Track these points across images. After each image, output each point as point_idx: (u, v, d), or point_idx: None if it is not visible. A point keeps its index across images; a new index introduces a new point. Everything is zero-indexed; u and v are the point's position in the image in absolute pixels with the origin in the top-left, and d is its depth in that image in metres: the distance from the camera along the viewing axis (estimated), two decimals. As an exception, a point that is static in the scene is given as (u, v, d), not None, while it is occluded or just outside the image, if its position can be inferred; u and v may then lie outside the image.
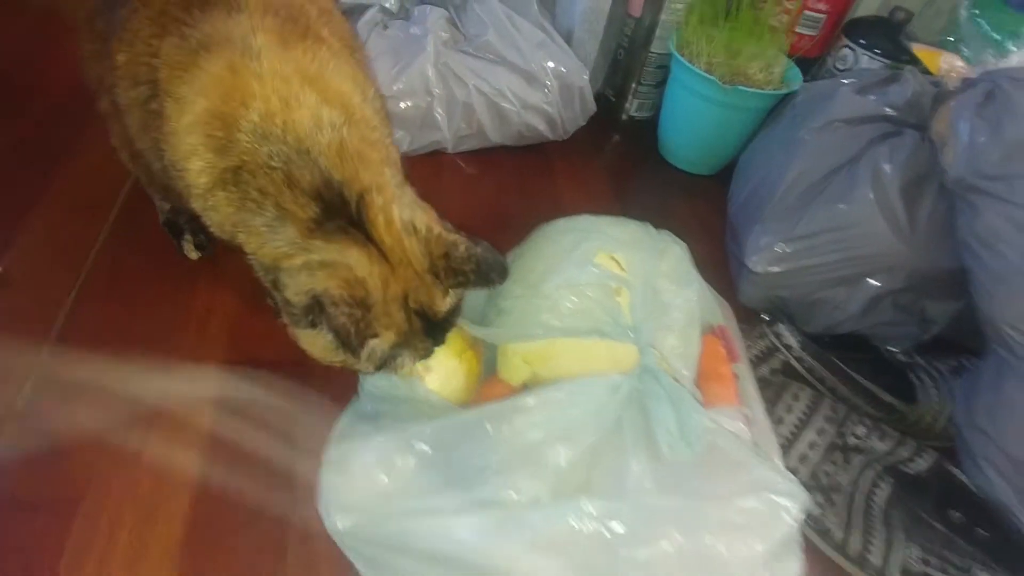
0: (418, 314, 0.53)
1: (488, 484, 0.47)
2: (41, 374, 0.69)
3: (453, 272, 0.53)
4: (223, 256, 0.81)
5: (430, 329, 0.55)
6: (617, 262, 0.61)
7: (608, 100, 1.22)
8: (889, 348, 0.84)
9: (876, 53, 1.04)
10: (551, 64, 0.99)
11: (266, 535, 0.60)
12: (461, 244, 0.53)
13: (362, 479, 0.51)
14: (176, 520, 0.60)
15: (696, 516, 0.46)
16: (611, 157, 1.19)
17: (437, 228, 0.54)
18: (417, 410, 0.58)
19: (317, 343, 0.54)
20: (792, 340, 0.77)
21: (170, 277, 0.80)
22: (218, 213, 0.54)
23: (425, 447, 0.52)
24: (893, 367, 0.81)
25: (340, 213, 0.50)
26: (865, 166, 0.77)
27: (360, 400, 0.63)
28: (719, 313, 0.71)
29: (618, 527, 0.45)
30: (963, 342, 0.84)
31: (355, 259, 0.50)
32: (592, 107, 1.07)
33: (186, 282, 0.80)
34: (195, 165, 0.53)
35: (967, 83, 0.75)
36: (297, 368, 0.73)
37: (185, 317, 0.76)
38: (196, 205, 0.57)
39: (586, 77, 1.02)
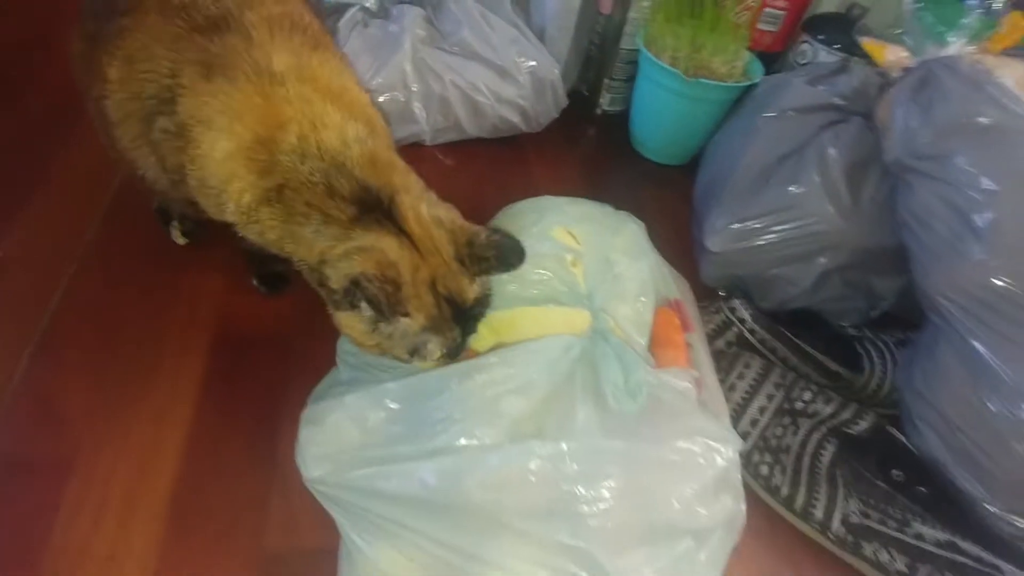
0: (447, 301, 0.57)
1: (448, 432, 0.52)
2: (37, 348, 0.74)
3: (477, 259, 0.58)
4: (210, 242, 0.86)
5: (458, 317, 0.58)
6: (573, 236, 0.66)
7: (582, 95, 1.27)
8: (840, 324, 0.89)
9: (834, 48, 1.10)
10: (523, 59, 1.04)
11: (250, 492, 0.65)
12: (482, 233, 0.58)
13: (335, 433, 0.56)
14: (165, 479, 0.64)
15: (637, 456, 0.51)
16: (585, 149, 1.24)
17: (460, 221, 0.59)
18: (389, 376, 0.63)
19: (356, 326, 0.57)
20: (745, 313, 0.82)
21: (161, 262, 0.85)
22: (261, 226, 0.59)
23: (393, 404, 0.56)
24: (842, 340, 0.86)
25: (375, 209, 0.56)
26: (813, 151, 0.83)
27: (337, 368, 0.67)
28: (675, 287, 0.76)
29: (565, 466, 0.49)
30: (908, 318, 0.89)
31: (388, 245, 0.55)
32: (564, 100, 1.12)
33: (176, 266, 0.85)
34: (235, 186, 0.58)
35: (906, 71, 0.81)
36: (281, 345, 0.78)
37: (175, 298, 0.81)
38: (234, 220, 0.61)
39: (557, 71, 1.07)
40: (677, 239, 0.93)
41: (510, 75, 1.04)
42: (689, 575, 0.53)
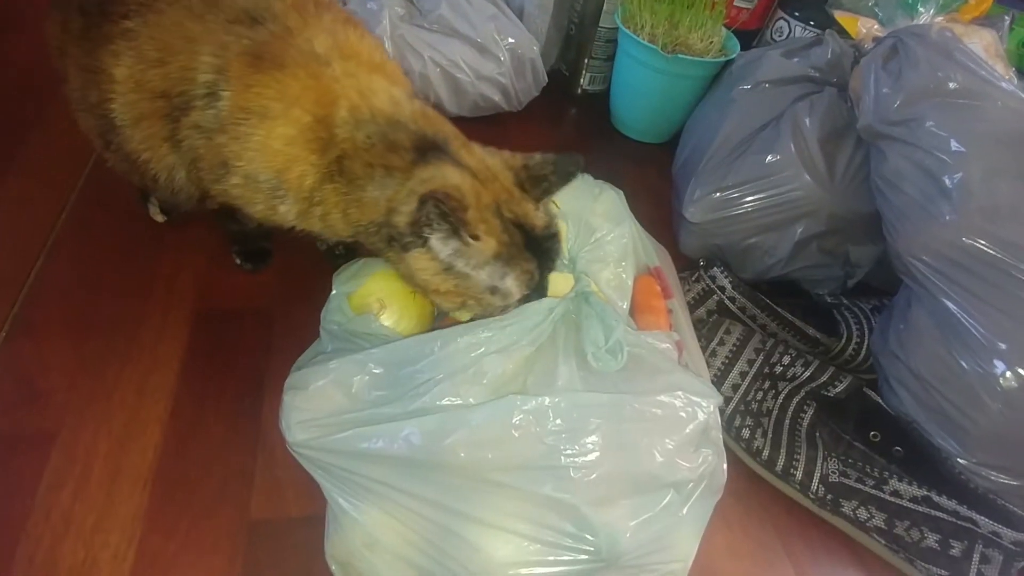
0: (515, 225, 0.57)
1: (431, 393, 0.52)
2: (15, 325, 0.73)
3: (536, 180, 0.59)
4: (189, 219, 0.85)
5: (531, 245, 0.57)
6: (555, 202, 0.66)
7: (562, 75, 1.28)
8: (818, 292, 0.91)
9: (810, 24, 1.11)
10: (503, 36, 1.04)
11: (235, 463, 0.65)
12: (536, 155, 0.60)
13: (319, 398, 0.56)
14: (149, 451, 0.64)
15: (619, 409, 0.51)
16: (566, 129, 1.25)
17: (508, 153, 0.62)
18: (372, 345, 0.63)
19: (430, 267, 0.56)
20: (725, 281, 0.83)
21: (138, 238, 0.84)
22: (325, 206, 0.59)
23: (376, 368, 0.57)
24: (820, 307, 0.88)
25: (432, 150, 0.57)
26: (788, 121, 0.84)
27: (321, 339, 0.67)
28: (655, 256, 0.77)
29: (548, 421, 0.50)
30: (883, 287, 0.91)
31: (448, 172, 0.56)
32: (544, 78, 1.13)
33: (154, 243, 0.84)
34: (296, 171, 0.58)
35: (877, 42, 0.82)
36: (263, 317, 0.78)
37: (154, 273, 0.81)
38: (291, 212, 0.61)
39: (536, 48, 1.07)
40: (657, 214, 0.94)
41: (489, 52, 1.04)
42: (671, 528, 0.54)
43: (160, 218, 0.85)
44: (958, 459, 0.70)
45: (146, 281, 0.79)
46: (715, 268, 0.84)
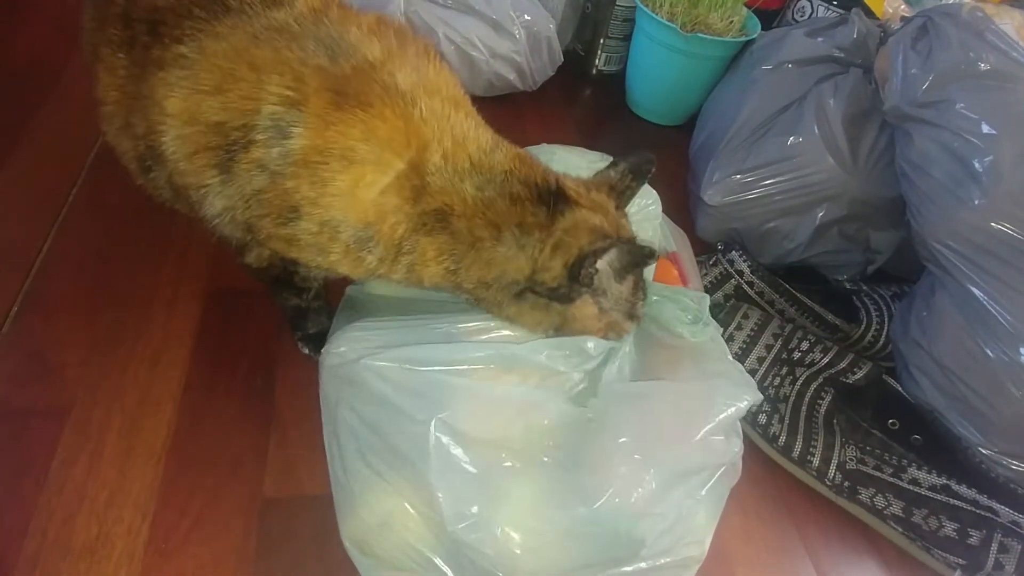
0: None
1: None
2: (26, 300, 0.72)
3: (622, 192, 0.58)
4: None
5: None
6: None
7: (578, 55, 1.25)
8: (836, 278, 0.90)
9: (833, 4, 1.09)
10: (518, 13, 1.02)
11: (247, 440, 0.65)
12: (610, 168, 0.59)
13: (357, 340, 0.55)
14: (162, 428, 0.64)
15: (661, 393, 0.50)
16: (581, 110, 1.23)
17: (588, 177, 0.60)
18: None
19: (589, 311, 0.55)
20: (743, 265, 0.81)
21: (150, 213, 0.82)
22: (416, 256, 0.53)
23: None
24: (839, 295, 0.86)
25: (551, 197, 0.53)
26: (811, 102, 0.82)
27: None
28: (673, 241, 0.76)
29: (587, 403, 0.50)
30: (904, 275, 0.90)
31: (586, 216, 0.53)
32: (559, 57, 1.11)
33: (165, 218, 0.82)
34: (390, 221, 0.52)
35: (905, 21, 0.80)
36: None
37: (166, 250, 0.80)
38: (375, 262, 0.54)
39: (553, 26, 1.05)
40: (674, 198, 0.92)
41: (505, 29, 1.02)
42: (691, 512, 0.53)
43: None
44: (979, 448, 0.69)
45: (158, 256, 0.79)
46: (733, 252, 0.83)
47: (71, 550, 0.55)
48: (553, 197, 0.53)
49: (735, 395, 0.54)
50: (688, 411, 0.53)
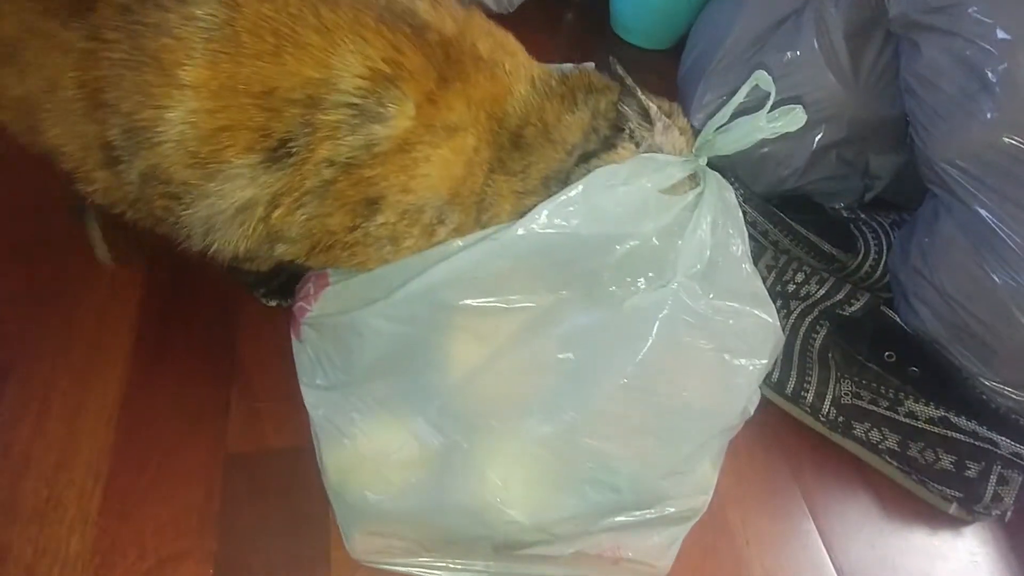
0: None
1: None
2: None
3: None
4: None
5: None
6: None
7: (557, -26, 1.16)
8: (833, 207, 0.85)
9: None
10: (490, -76, 0.93)
11: (209, 395, 0.61)
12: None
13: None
14: (113, 383, 0.60)
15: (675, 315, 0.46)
16: (563, 36, 1.15)
17: None
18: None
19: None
20: (735, 194, 0.76)
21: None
22: (496, 201, 0.50)
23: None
24: (836, 222, 0.82)
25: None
26: (810, 13, 0.75)
27: None
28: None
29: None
30: (904, 203, 0.85)
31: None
32: (537, -25, 1.02)
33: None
34: (473, 178, 0.49)
35: (914, -83, 0.72)
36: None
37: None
38: (454, 226, 0.50)
39: (529, -61, 0.96)
40: (662, 125, 0.87)
41: (476, -57, 0.93)
42: (696, 460, 0.50)
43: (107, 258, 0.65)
44: (981, 378, 0.66)
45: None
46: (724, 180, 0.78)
47: (19, 515, 0.52)
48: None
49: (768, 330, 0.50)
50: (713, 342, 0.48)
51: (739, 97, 0.49)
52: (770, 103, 0.47)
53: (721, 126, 0.49)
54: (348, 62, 0.43)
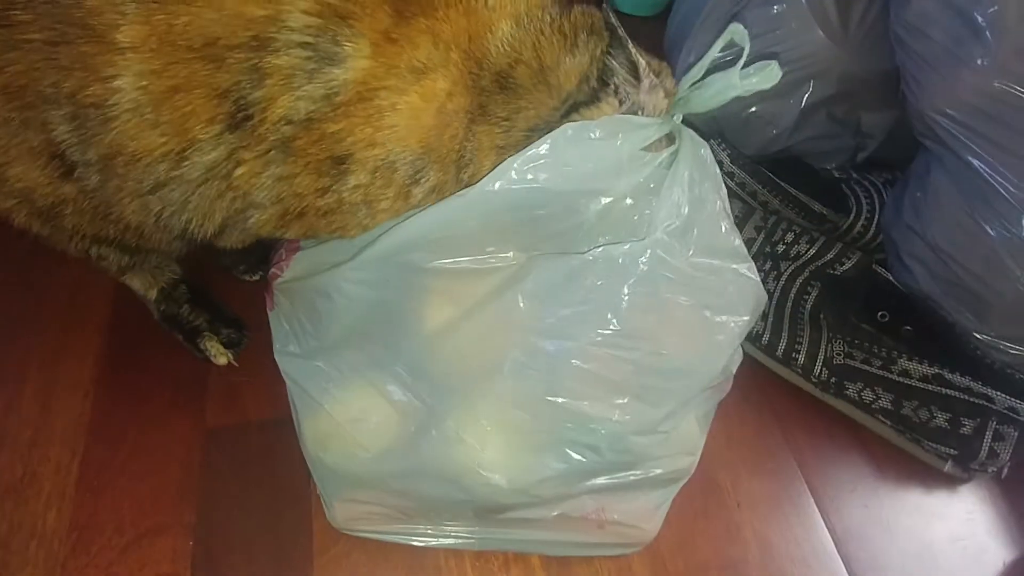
0: None
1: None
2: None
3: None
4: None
5: None
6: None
7: (541, -59, 1.14)
8: (824, 167, 0.83)
9: None
10: None
11: (186, 369, 0.60)
12: None
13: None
14: (88, 359, 0.59)
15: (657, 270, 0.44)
16: (547, 3, 1.12)
17: None
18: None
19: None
20: (723, 155, 0.75)
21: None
22: (477, 154, 0.46)
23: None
24: (827, 182, 0.80)
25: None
26: (797, -35, 0.73)
27: None
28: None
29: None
30: (897, 162, 0.83)
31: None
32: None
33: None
34: (451, 130, 0.44)
35: None
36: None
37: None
38: (432, 185, 0.46)
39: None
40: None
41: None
42: (681, 419, 0.49)
43: (223, 359, 0.61)
44: (975, 334, 0.64)
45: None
46: (712, 142, 0.76)
47: (-6, 492, 0.51)
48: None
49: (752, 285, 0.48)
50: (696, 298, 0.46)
51: (713, 52, 0.46)
52: (743, 59, 0.44)
53: (695, 82, 0.47)
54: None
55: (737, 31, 0.45)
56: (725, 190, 0.49)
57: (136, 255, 0.54)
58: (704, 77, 0.47)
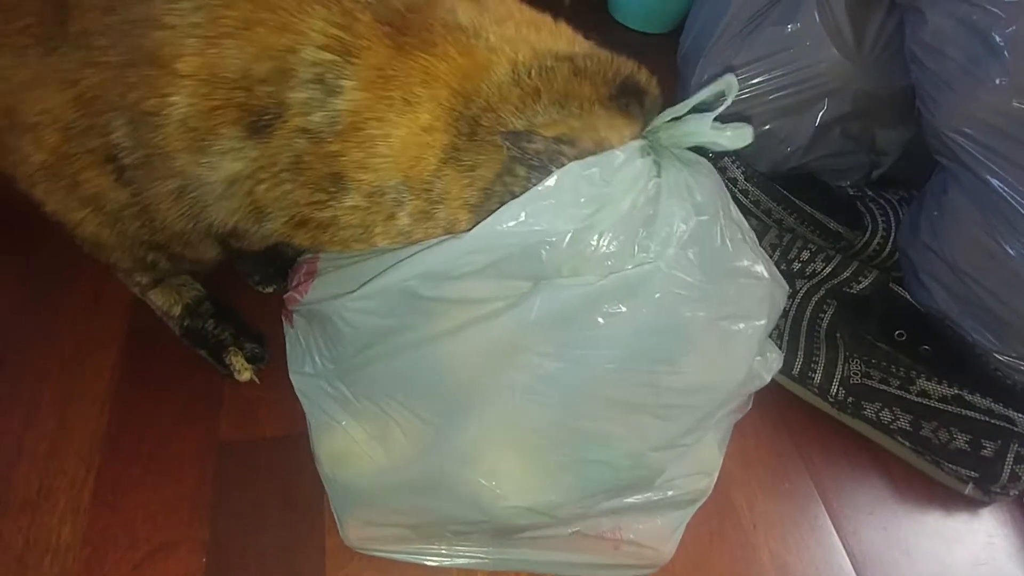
0: None
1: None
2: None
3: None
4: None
5: None
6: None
7: (554, -41, 1.15)
8: (839, 184, 0.83)
9: None
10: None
11: (200, 383, 0.60)
12: None
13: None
14: (104, 372, 0.59)
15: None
16: (560, 20, 1.13)
17: None
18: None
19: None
20: (737, 173, 0.75)
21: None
22: (448, 196, 0.46)
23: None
24: (842, 201, 0.80)
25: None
26: (811, -16, 0.73)
27: None
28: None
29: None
30: (913, 180, 0.83)
31: None
32: (532, -42, 1.00)
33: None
34: (425, 161, 0.45)
35: None
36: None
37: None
38: (410, 214, 0.46)
39: (523, -78, 0.95)
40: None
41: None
42: (704, 439, 0.49)
43: (247, 375, 0.61)
44: (995, 354, 0.64)
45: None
46: (726, 159, 0.76)
47: (11, 505, 0.52)
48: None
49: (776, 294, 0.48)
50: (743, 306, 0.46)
51: (701, 95, 0.44)
52: (721, 108, 0.43)
53: (675, 117, 0.46)
54: (312, 28, 0.42)
55: (729, 83, 0.44)
56: (728, 194, 0.49)
57: (179, 263, 0.57)
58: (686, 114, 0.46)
